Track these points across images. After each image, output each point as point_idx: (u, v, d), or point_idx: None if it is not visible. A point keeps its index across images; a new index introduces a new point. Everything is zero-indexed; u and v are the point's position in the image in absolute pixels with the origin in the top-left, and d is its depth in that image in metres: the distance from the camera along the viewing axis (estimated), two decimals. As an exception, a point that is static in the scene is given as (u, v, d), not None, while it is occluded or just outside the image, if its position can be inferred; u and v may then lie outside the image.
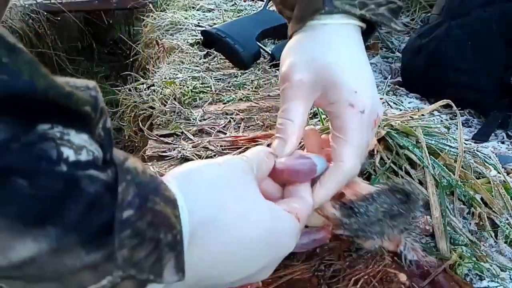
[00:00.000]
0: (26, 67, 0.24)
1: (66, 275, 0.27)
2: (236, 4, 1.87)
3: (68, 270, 0.26)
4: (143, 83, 1.37)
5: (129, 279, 0.28)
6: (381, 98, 1.04)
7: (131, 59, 2.10)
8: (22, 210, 0.24)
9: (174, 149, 0.92)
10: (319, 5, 0.52)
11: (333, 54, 0.51)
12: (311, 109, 1.06)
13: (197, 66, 1.34)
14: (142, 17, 2.10)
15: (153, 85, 1.31)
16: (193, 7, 1.88)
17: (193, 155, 0.89)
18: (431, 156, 0.74)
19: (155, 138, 1.01)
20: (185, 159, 0.88)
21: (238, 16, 1.64)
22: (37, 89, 0.24)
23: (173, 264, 0.30)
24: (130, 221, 0.27)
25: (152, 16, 1.90)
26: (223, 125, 1.02)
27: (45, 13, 2.57)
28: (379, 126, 0.78)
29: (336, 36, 0.53)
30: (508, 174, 0.80)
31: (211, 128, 1.01)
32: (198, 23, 1.69)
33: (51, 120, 0.26)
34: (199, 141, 0.96)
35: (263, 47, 1.33)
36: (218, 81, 1.23)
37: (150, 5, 2.13)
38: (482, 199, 0.71)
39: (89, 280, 0.27)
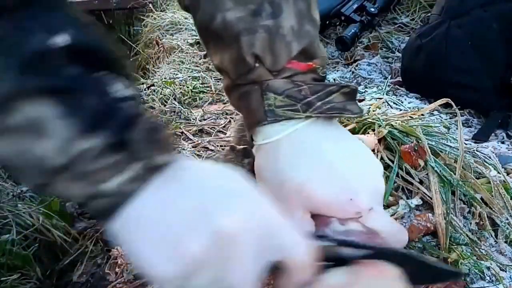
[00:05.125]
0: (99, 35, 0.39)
1: (103, 171, 0.37)
2: (236, 4, 1.87)
3: (111, 164, 0.37)
4: (143, 83, 1.38)
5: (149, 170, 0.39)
6: (380, 98, 1.05)
7: (131, 59, 2.10)
8: (90, 115, 0.36)
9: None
10: (262, 117, 0.52)
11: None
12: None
13: (197, 66, 1.34)
14: (142, 17, 2.10)
15: (153, 85, 1.31)
16: (193, 7, 1.87)
17: (193, 155, 0.90)
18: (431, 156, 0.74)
19: (155, 138, 1.01)
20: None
21: (238, 16, 1.63)
22: (104, 48, 0.39)
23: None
24: (143, 137, 0.38)
25: (152, 16, 1.91)
26: (223, 125, 1.02)
27: (45, 13, 2.57)
28: (379, 125, 0.78)
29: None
30: (508, 174, 0.79)
31: (211, 128, 1.01)
32: (198, 23, 1.69)
33: (106, 69, 0.38)
34: (199, 141, 0.96)
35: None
36: (218, 81, 1.23)
37: (150, 5, 2.14)
38: (482, 198, 0.71)
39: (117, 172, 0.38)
